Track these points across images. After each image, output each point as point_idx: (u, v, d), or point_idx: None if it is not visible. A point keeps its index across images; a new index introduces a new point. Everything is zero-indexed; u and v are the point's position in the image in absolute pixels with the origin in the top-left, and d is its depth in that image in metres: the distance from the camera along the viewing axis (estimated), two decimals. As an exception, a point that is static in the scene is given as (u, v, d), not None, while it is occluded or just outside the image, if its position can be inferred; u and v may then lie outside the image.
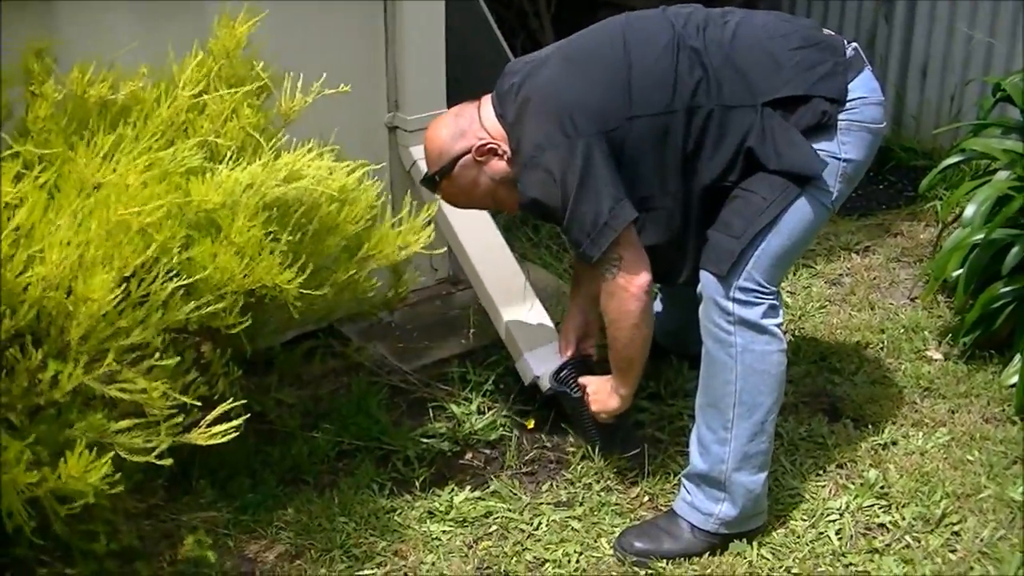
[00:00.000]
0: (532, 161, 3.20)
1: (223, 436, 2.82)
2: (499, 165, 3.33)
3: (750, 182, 3.20)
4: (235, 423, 2.82)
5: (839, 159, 3.20)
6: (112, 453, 2.66)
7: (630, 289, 3.23)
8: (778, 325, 3.22)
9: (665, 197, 3.25)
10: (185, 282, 2.81)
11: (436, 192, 3.47)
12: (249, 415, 2.94)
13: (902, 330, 4.33)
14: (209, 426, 2.83)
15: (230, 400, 2.90)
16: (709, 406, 3.27)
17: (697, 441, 3.31)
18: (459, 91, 4.21)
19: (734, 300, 3.17)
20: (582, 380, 3.60)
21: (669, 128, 3.18)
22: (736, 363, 3.19)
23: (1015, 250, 3.92)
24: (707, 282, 3.21)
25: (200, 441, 2.81)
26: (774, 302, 3.20)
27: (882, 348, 4.24)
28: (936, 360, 4.16)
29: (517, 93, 3.27)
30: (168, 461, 2.74)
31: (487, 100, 3.38)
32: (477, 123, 3.35)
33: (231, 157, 3.09)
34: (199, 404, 2.87)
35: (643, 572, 3.24)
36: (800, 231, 3.21)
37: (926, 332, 4.31)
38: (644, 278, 3.24)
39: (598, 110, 3.17)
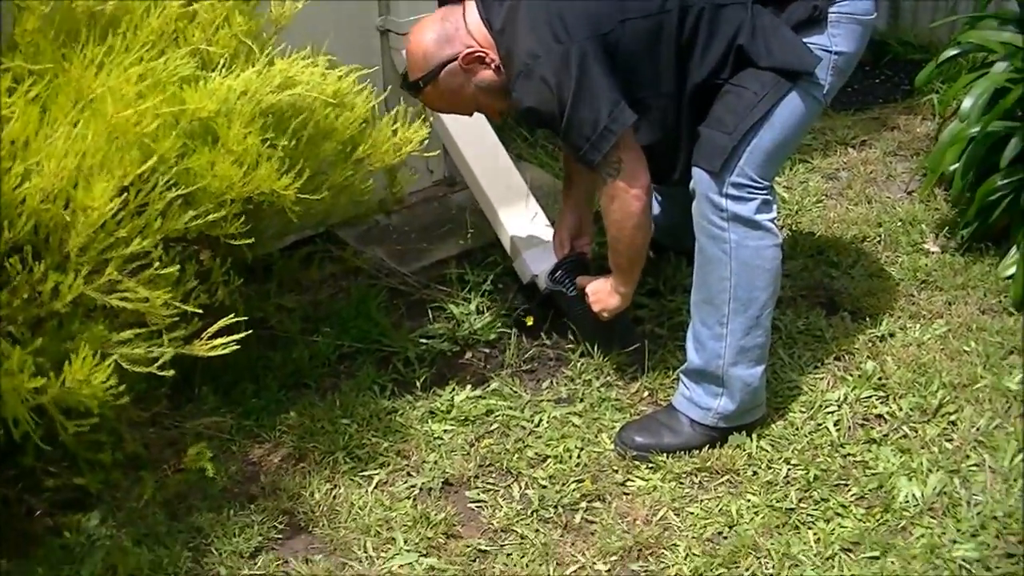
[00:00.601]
0: (526, 70, 3.17)
1: (224, 348, 2.84)
2: (486, 74, 3.31)
3: (741, 78, 3.19)
4: (236, 336, 2.84)
5: (830, 52, 3.19)
6: (114, 358, 2.68)
7: (631, 191, 3.24)
8: (772, 220, 3.23)
9: (659, 97, 3.24)
10: (184, 191, 2.82)
11: (417, 97, 3.43)
12: (250, 324, 2.95)
13: (899, 223, 4.34)
14: (210, 338, 2.85)
15: (231, 310, 2.92)
16: (704, 302, 3.30)
17: (693, 337, 3.34)
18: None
19: (727, 196, 3.17)
20: (581, 280, 3.62)
21: (662, 28, 3.16)
22: (730, 259, 3.21)
23: (1013, 142, 3.91)
24: (700, 179, 3.21)
25: (201, 353, 2.84)
26: (767, 197, 3.21)
27: (879, 241, 4.25)
28: (933, 253, 4.17)
29: (513, 4, 3.23)
30: (170, 372, 2.77)
31: (471, 4, 3.33)
32: (463, 29, 3.30)
33: (224, 65, 3.08)
34: (200, 312, 2.89)
35: (644, 465, 3.28)
36: (792, 125, 3.21)
37: (923, 225, 4.32)
38: (644, 179, 3.24)
39: (590, 14, 3.14)
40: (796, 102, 3.18)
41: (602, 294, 3.52)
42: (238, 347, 2.87)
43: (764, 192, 3.19)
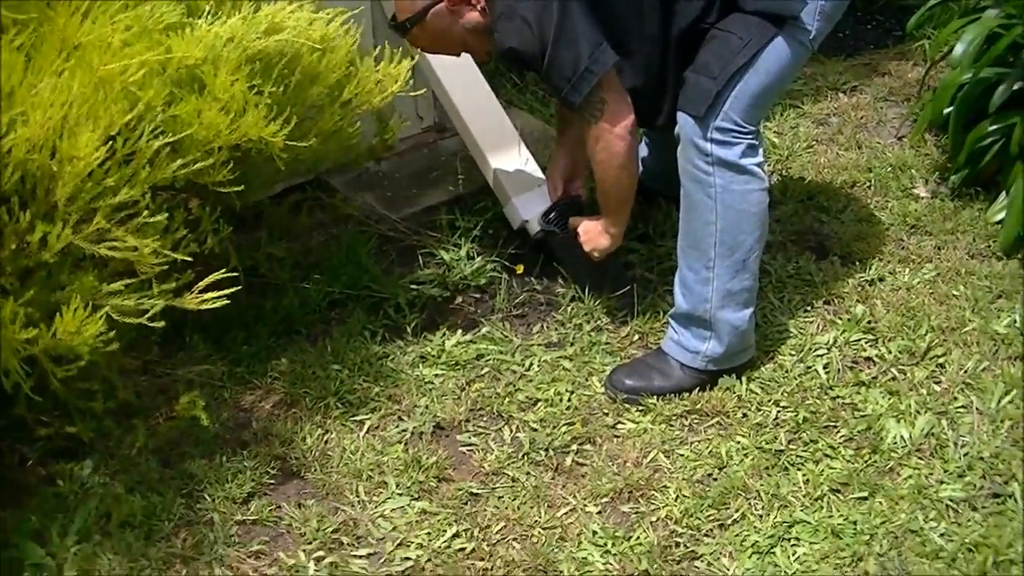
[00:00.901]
0: (508, 11, 3.18)
1: (215, 302, 2.85)
2: (472, 15, 3.30)
3: (727, 22, 3.18)
4: (227, 291, 2.85)
5: None
6: (105, 310, 2.69)
7: (615, 130, 3.24)
8: (758, 164, 3.23)
9: (643, 41, 3.24)
10: (172, 139, 2.82)
11: (404, 37, 3.42)
12: (240, 273, 2.96)
13: (889, 169, 4.34)
14: (201, 291, 2.86)
15: (221, 259, 2.93)
16: (690, 247, 3.30)
17: (680, 282, 3.35)
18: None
19: (712, 141, 3.17)
20: (572, 221, 3.63)
21: None
22: (716, 203, 3.21)
23: (1002, 88, 3.91)
24: (684, 123, 3.21)
25: (192, 306, 2.85)
26: (753, 141, 3.21)
27: (869, 187, 4.25)
28: (923, 198, 4.17)
29: None
30: (160, 323, 2.78)
31: None
32: None
33: (210, 12, 3.07)
34: (190, 260, 2.89)
35: (634, 408, 3.29)
36: (778, 70, 3.20)
37: (913, 171, 4.32)
38: (627, 119, 3.24)
39: None
40: (782, 47, 3.17)
41: (592, 233, 3.53)
42: (227, 302, 2.88)
43: (749, 136, 3.19)
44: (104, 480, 3.04)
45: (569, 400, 3.33)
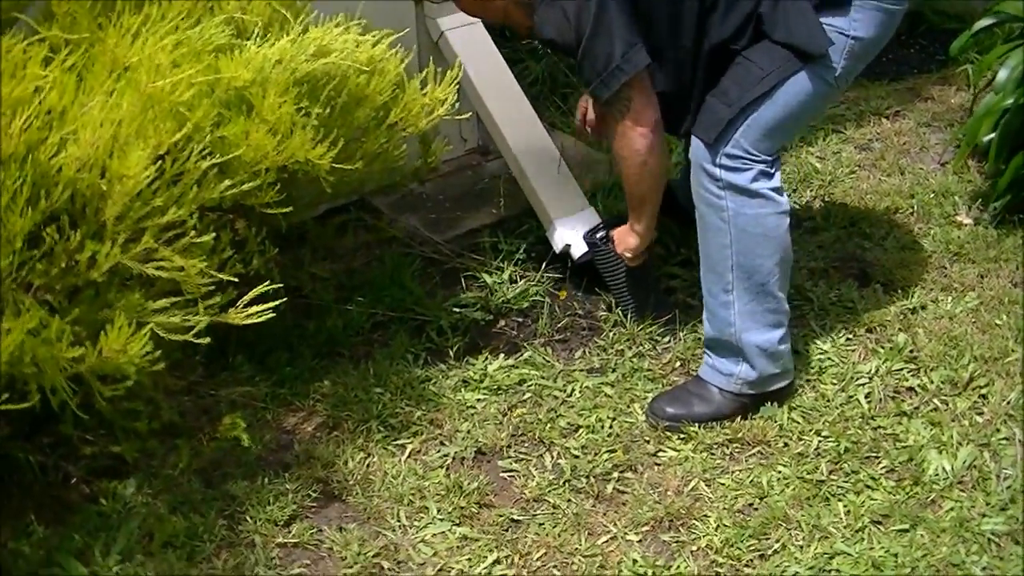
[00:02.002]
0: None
1: (259, 316, 2.86)
2: None
3: (753, 51, 3.19)
4: (271, 304, 2.86)
5: (847, 36, 3.17)
6: (150, 326, 2.70)
7: (637, 128, 3.27)
8: (773, 189, 3.22)
9: (676, 50, 3.25)
10: (219, 160, 2.84)
11: None
12: (285, 292, 2.97)
13: (932, 195, 4.32)
14: (246, 306, 2.87)
15: (265, 279, 2.94)
16: (709, 271, 3.32)
17: (705, 307, 3.37)
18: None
19: (721, 166, 3.19)
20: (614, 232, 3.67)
21: None
22: (729, 226, 3.22)
23: (1047, 114, 3.91)
24: (696, 148, 3.24)
25: (237, 321, 2.86)
26: (766, 168, 3.21)
27: (912, 213, 4.24)
28: (966, 225, 4.15)
29: None
30: (206, 340, 2.79)
31: None
32: None
33: (258, 34, 3.09)
34: (236, 281, 2.90)
35: (675, 436, 3.29)
36: (796, 104, 3.20)
37: (956, 197, 4.30)
38: (652, 119, 3.27)
39: None
40: (803, 82, 3.17)
41: (622, 234, 3.59)
42: (273, 315, 2.89)
43: (762, 163, 3.20)
44: (147, 499, 3.06)
45: (610, 427, 3.33)
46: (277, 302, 2.88)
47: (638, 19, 3.18)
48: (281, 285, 2.96)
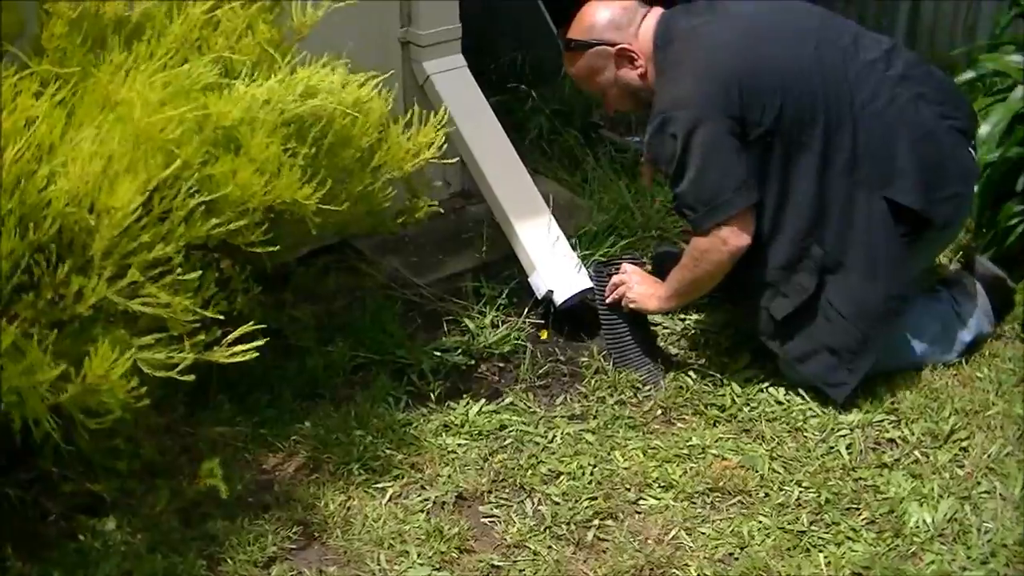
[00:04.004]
0: (662, 120, 3.36)
1: (243, 356, 2.85)
2: (629, 74, 3.54)
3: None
4: (256, 344, 2.84)
5: None
6: (133, 353, 2.69)
7: (726, 247, 3.39)
8: None
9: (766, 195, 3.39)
10: (207, 198, 2.83)
11: (564, 50, 3.67)
12: (266, 333, 2.96)
13: (914, 248, 4.33)
14: (229, 345, 2.86)
15: (248, 319, 2.92)
16: None
17: None
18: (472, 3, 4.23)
19: None
20: (629, 266, 3.69)
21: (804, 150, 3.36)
22: None
23: (1029, 169, 3.93)
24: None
25: (221, 360, 2.84)
26: None
27: (893, 265, 4.24)
28: (948, 277, 4.16)
29: (687, 38, 3.42)
30: (190, 377, 2.77)
31: (655, 14, 3.53)
32: (635, 28, 3.51)
33: (246, 73, 3.09)
34: (221, 318, 2.89)
35: (656, 484, 3.28)
36: None
37: (938, 250, 4.31)
38: (744, 243, 3.38)
39: (758, 95, 3.30)
40: None
41: (644, 289, 3.65)
42: (255, 355, 2.87)
43: None
44: (126, 537, 3.03)
45: (591, 474, 3.32)
46: (260, 342, 2.86)
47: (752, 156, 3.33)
48: (264, 325, 2.95)
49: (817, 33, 3.45)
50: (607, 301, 3.68)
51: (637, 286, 3.63)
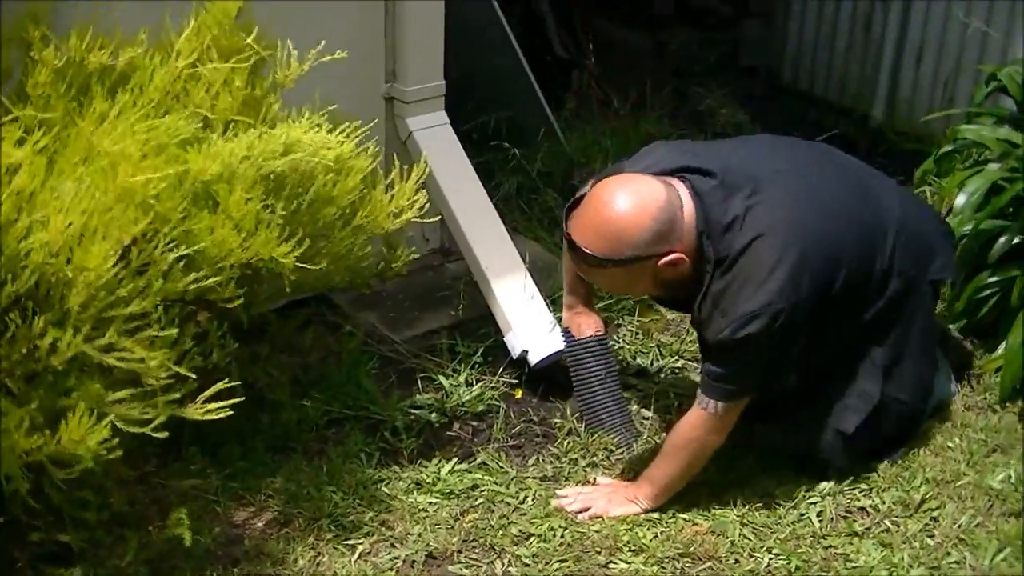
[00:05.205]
0: (745, 322, 3.16)
1: (217, 413, 2.84)
2: (672, 271, 3.19)
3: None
4: (231, 402, 2.84)
5: None
6: (110, 418, 2.68)
7: (723, 432, 3.34)
8: None
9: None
10: (185, 252, 2.83)
11: (589, 268, 3.27)
12: (241, 386, 2.96)
13: (887, 315, 4.35)
14: (205, 402, 2.85)
15: (223, 372, 2.93)
16: None
17: None
18: (457, 63, 4.25)
19: None
20: (592, 490, 3.51)
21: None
22: None
23: (1002, 240, 3.93)
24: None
25: (196, 416, 2.83)
26: None
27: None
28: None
29: (739, 228, 3.17)
30: (164, 434, 2.76)
31: (686, 195, 3.19)
32: (679, 228, 3.15)
33: (226, 128, 3.10)
34: (193, 377, 2.89)
35: (627, 548, 3.27)
36: None
37: (911, 317, 4.33)
38: (732, 425, 3.34)
39: (833, 274, 3.26)
40: None
41: (617, 497, 3.44)
42: (229, 413, 2.87)
43: None
44: (93, 588, 3.02)
45: (562, 536, 3.31)
46: (234, 400, 2.86)
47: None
48: (239, 383, 2.94)
49: (849, 180, 3.48)
50: (573, 509, 3.46)
51: (614, 507, 3.41)
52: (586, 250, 3.15)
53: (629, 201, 3.12)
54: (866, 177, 3.54)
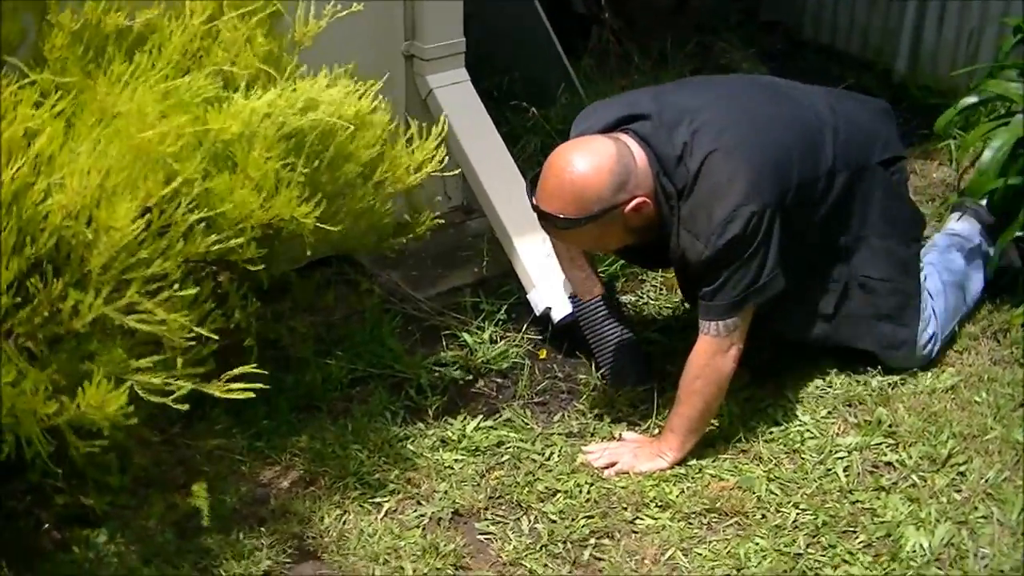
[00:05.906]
0: (720, 230, 3.24)
1: (241, 394, 2.82)
2: (639, 218, 3.31)
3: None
4: (254, 385, 2.82)
5: None
6: (129, 383, 2.67)
7: (730, 353, 3.35)
8: None
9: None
10: (206, 214, 2.81)
11: (564, 232, 3.36)
12: (264, 345, 2.95)
13: (914, 269, 4.32)
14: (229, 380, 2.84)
15: (245, 332, 2.92)
16: None
17: None
18: (477, 20, 4.22)
19: None
20: (620, 445, 3.51)
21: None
22: None
23: (1031, 195, 3.92)
24: None
25: (218, 394, 2.81)
26: None
27: (894, 287, 4.24)
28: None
29: (688, 154, 3.29)
30: (185, 406, 2.74)
31: (634, 141, 3.33)
32: (635, 173, 3.27)
33: (246, 86, 3.08)
34: (215, 337, 2.88)
35: (653, 504, 3.27)
36: None
37: (937, 273, 4.30)
38: (742, 347, 3.37)
39: (787, 177, 3.35)
40: None
41: (643, 453, 3.44)
42: (252, 395, 2.85)
43: None
44: (119, 549, 3.02)
45: (588, 492, 3.31)
46: (258, 385, 2.83)
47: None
48: (263, 346, 2.92)
49: (779, 96, 3.61)
50: (599, 465, 3.45)
51: (640, 463, 3.42)
52: (559, 215, 3.26)
53: (585, 160, 3.25)
54: (792, 87, 3.68)
